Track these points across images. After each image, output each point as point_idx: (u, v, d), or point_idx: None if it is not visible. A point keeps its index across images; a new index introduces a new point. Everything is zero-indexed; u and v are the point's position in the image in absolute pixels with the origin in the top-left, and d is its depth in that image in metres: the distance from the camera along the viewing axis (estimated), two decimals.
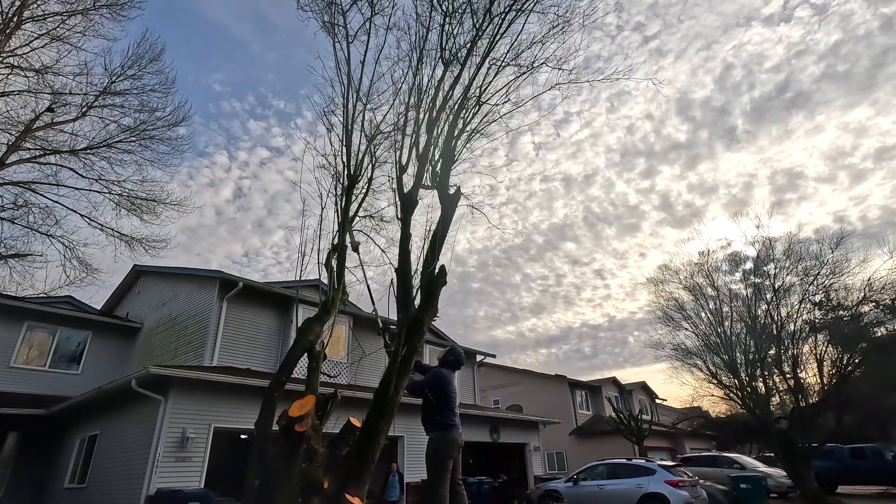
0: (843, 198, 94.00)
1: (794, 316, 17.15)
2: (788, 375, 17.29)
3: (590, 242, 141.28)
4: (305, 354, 5.25)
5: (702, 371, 19.51)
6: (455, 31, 6.56)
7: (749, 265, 18.77)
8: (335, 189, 6.00)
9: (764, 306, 17.72)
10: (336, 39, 6.47)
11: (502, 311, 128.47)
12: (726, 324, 18.49)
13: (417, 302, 5.35)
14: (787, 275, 17.48)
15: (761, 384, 17.82)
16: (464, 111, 6.36)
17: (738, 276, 19.34)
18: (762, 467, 17.47)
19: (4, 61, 11.92)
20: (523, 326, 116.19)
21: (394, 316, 5.56)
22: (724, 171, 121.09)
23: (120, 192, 13.98)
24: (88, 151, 13.51)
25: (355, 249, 5.93)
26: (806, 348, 17.35)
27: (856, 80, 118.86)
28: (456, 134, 6.26)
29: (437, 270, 5.34)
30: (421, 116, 6.32)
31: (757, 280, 18.24)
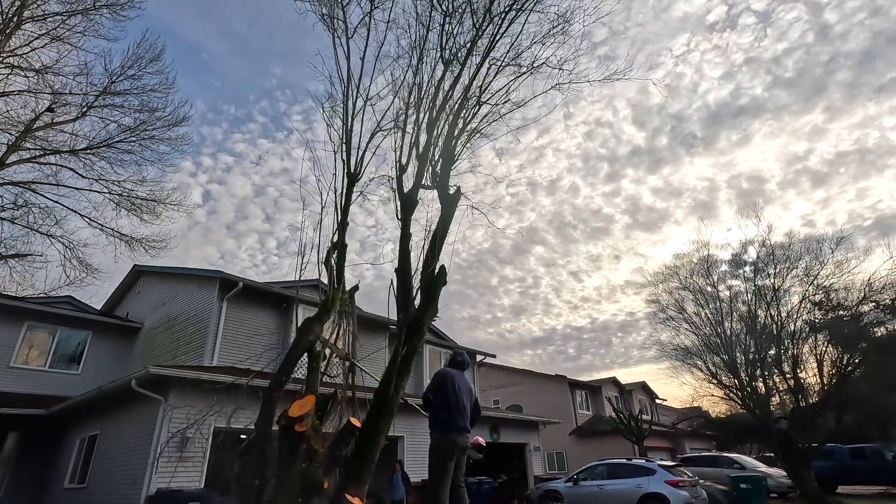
0: (809, 202, 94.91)
1: (794, 316, 17.17)
2: (788, 375, 17.29)
3: (560, 247, 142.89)
4: (306, 354, 5.24)
5: (702, 371, 19.54)
6: (455, 31, 6.56)
7: (749, 266, 18.78)
8: (334, 187, 5.99)
9: (764, 306, 17.73)
10: (336, 35, 6.45)
11: (482, 313, 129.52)
12: (726, 324, 18.49)
13: (417, 302, 5.35)
14: (788, 274, 17.50)
15: (761, 384, 17.82)
16: (464, 111, 6.36)
17: (738, 276, 19.35)
18: (762, 467, 17.46)
19: (4, 61, 11.93)
20: (503, 328, 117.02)
21: (394, 316, 5.55)
22: (686, 175, 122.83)
23: (120, 192, 14.00)
24: (88, 151, 13.51)
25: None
26: (806, 348, 17.37)
27: (805, 87, 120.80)
28: (456, 134, 6.26)
29: (437, 270, 5.34)
30: (421, 116, 6.32)
31: (758, 282, 18.25)
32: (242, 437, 11.44)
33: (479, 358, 20.20)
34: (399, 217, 5.92)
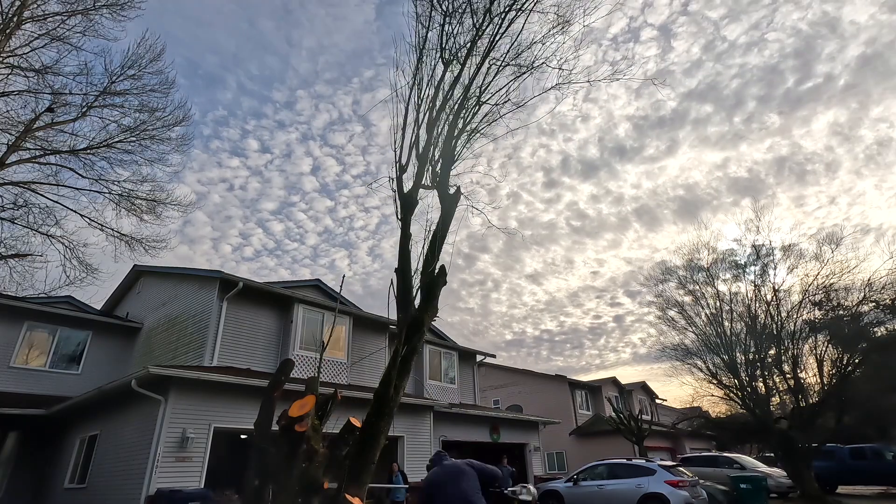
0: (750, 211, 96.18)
1: (794, 316, 17.16)
2: (788, 375, 17.29)
3: (505, 255, 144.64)
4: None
5: (702, 371, 19.53)
6: (455, 31, 6.55)
7: (748, 267, 18.78)
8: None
9: (764, 306, 17.74)
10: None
11: (450, 314, 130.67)
12: (726, 324, 18.49)
13: (417, 302, 5.35)
14: (787, 275, 17.52)
15: (761, 384, 17.82)
16: (463, 111, 6.36)
17: (737, 277, 19.34)
18: (762, 467, 17.46)
19: (4, 61, 11.92)
20: (467, 331, 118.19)
21: (394, 316, 5.55)
22: (623, 183, 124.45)
23: (120, 192, 13.97)
24: (88, 151, 13.49)
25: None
26: (806, 348, 17.38)
27: (727, 99, 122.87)
28: (456, 134, 6.26)
29: (437, 270, 5.35)
30: (421, 116, 6.32)
31: (757, 282, 18.25)
32: (242, 436, 11.46)
33: (479, 358, 20.21)
34: (399, 217, 5.92)
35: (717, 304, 18.79)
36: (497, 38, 6.51)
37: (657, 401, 34.32)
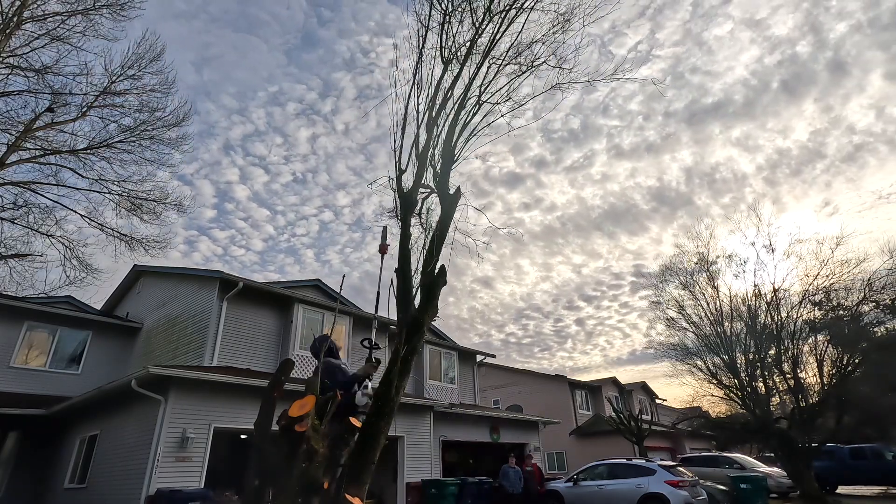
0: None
1: (794, 316, 17.16)
2: (788, 375, 17.28)
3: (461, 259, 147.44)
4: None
5: (702, 371, 19.53)
6: (455, 30, 6.55)
7: (748, 267, 18.77)
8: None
9: (764, 306, 17.74)
10: None
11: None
12: (726, 324, 18.49)
13: (417, 302, 5.35)
14: (787, 275, 17.51)
15: (761, 384, 17.82)
16: (463, 110, 6.35)
17: (737, 276, 19.34)
18: (762, 467, 17.46)
19: (4, 61, 11.92)
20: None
21: (394, 316, 5.55)
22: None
23: (120, 192, 13.97)
24: (88, 151, 13.48)
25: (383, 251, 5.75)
26: (806, 348, 17.38)
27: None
28: (456, 133, 6.25)
29: (437, 270, 5.35)
30: (421, 116, 6.31)
31: (757, 282, 18.25)
32: (242, 436, 11.46)
33: (479, 358, 20.21)
34: (399, 217, 5.92)
35: (717, 304, 18.80)
36: (497, 37, 6.51)
37: (657, 401, 34.32)
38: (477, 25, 6.47)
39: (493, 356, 20.44)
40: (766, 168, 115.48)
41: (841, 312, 16.86)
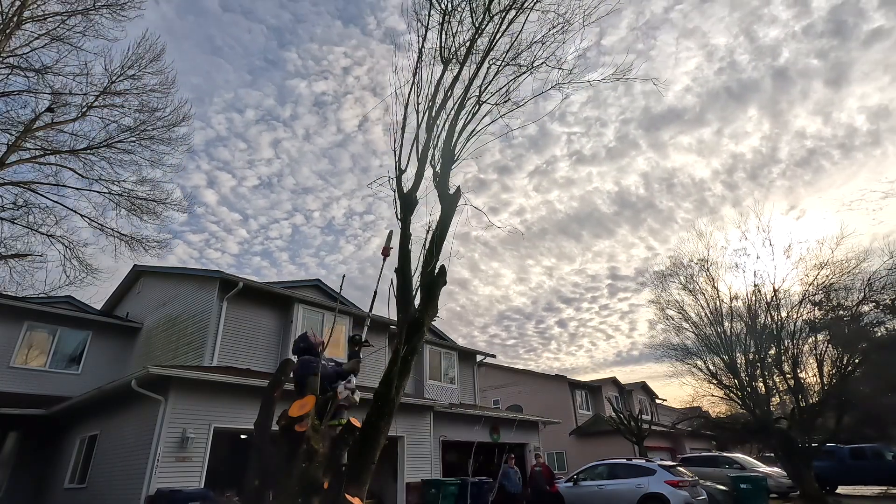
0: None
1: (794, 316, 17.16)
2: (788, 375, 17.28)
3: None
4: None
5: (702, 371, 19.53)
6: (454, 30, 6.55)
7: (749, 266, 18.77)
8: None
9: (764, 306, 17.74)
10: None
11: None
12: (726, 324, 18.49)
13: (417, 302, 5.35)
14: (787, 275, 17.51)
15: (761, 384, 17.81)
16: (463, 111, 6.35)
17: (738, 276, 19.35)
18: (762, 467, 17.45)
19: (4, 61, 11.92)
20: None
21: (394, 316, 5.55)
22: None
23: (120, 193, 13.98)
24: (88, 151, 13.49)
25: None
26: (806, 348, 17.37)
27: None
28: (456, 134, 6.25)
29: (437, 270, 5.35)
30: (420, 116, 6.31)
31: (757, 281, 18.24)
32: (242, 436, 11.46)
33: (478, 358, 20.21)
34: (399, 217, 5.91)
35: (717, 303, 18.79)
36: (497, 37, 6.51)
37: (657, 401, 34.32)
38: (476, 25, 6.47)
39: (493, 356, 20.46)
40: (722, 172, 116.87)
41: (841, 312, 16.86)
